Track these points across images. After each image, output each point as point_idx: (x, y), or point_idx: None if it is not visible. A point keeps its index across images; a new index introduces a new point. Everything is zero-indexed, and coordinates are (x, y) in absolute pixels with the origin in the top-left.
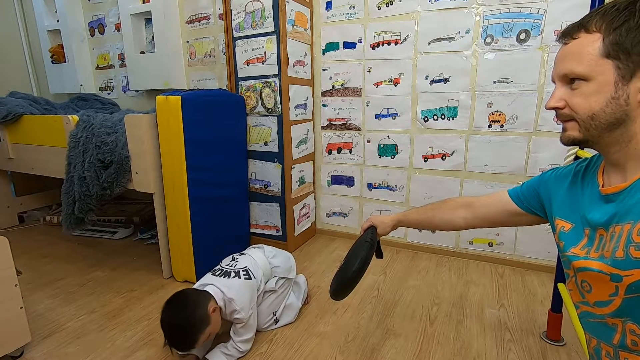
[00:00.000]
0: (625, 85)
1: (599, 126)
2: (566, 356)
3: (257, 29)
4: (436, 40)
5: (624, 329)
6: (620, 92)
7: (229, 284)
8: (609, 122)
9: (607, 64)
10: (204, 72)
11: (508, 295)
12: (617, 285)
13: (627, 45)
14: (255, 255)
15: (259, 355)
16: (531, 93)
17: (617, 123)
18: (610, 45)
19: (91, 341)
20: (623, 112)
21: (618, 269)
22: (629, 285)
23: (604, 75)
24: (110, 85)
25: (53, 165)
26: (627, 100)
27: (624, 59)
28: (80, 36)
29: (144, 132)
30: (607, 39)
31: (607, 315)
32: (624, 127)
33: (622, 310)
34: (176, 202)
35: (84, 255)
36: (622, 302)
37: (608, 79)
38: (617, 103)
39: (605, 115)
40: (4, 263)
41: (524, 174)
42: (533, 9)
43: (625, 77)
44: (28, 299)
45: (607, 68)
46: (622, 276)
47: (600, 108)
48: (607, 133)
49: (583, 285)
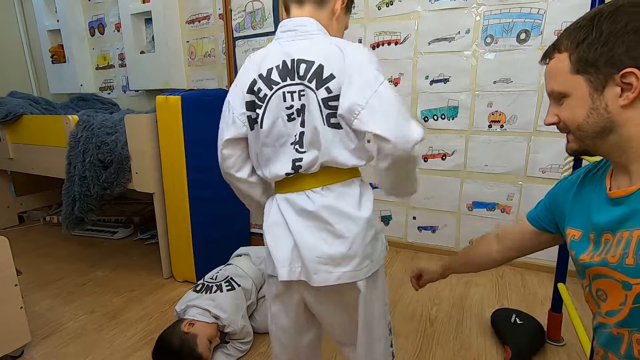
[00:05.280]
0: (601, 95)
1: (588, 136)
2: (566, 356)
3: (257, 29)
4: (436, 40)
5: (630, 339)
6: (597, 102)
7: (212, 299)
8: (595, 131)
9: (579, 79)
10: (204, 72)
11: (508, 295)
12: (627, 293)
13: (591, 60)
14: (242, 264)
15: (259, 355)
16: (531, 93)
17: (605, 130)
18: (576, 62)
19: (91, 341)
20: (607, 120)
21: (628, 277)
22: (638, 293)
23: (578, 90)
24: (110, 85)
25: (53, 165)
26: (606, 108)
27: (592, 72)
28: (80, 36)
29: (144, 132)
30: (573, 57)
31: (614, 325)
32: (616, 133)
33: (629, 320)
34: (176, 202)
35: (84, 255)
36: (630, 311)
37: (583, 93)
38: (598, 112)
39: (589, 125)
40: (4, 263)
41: (524, 174)
42: (533, 9)
43: (597, 88)
44: (28, 299)
45: (580, 83)
46: (631, 284)
47: (583, 119)
48: (600, 141)
49: (599, 294)
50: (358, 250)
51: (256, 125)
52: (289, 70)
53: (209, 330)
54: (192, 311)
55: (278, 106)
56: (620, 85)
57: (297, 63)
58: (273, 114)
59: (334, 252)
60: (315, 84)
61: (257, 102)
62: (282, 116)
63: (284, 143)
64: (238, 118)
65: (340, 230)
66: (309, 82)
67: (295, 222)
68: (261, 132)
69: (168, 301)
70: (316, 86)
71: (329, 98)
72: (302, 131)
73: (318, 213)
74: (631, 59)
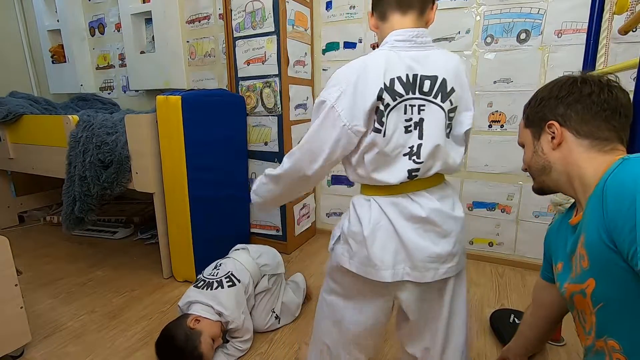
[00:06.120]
0: (538, 141)
1: (536, 173)
2: (566, 356)
3: (257, 29)
4: (436, 40)
5: (609, 350)
6: (537, 147)
7: (214, 296)
8: (538, 169)
9: (527, 131)
10: (204, 72)
11: (508, 295)
12: (587, 302)
13: (531, 117)
14: (241, 258)
15: (259, 355)
16: (531, 93)
17: (546, 169)
18: (525, 119)
19: (91, 341)
20: (544, 160)
21: (580, 284)
22: (590, 296)
23: (527, 139)
24: (111, 85)
25: (53, 165)
26: (542, 151)
27: (532, 126)
28: (80, 36)
29: (144, 132)
30: (524, 117)
31: (595, 340)
32: (555, 171)
33: (598, 328)
34: (176, 202)
35: (84, 255)
36: (595, 319)
37: (529, 141)
38: (537, 155)
39: (533, 164)
40: (4, 263)
41: (524, 174)
42: (533, 9)
43: (535, 136)
44: (28, 298)
45: (527, 134)
46: (584, 289)
47: (529, 161)
48: (545, 177)
49: (583, 317)
50: (460, 248)
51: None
52: (411, 84)
53: (214, 329)
54: (196, 307)
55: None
56: (549, 134)
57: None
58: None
59: (441, 251)
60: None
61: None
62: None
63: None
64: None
65: (445, 231)
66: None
67: (403, 226)
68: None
69: (168, 301)
70: (441, 99)
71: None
72: (420, 143)
73: (429, 217)
74: (553, 115)
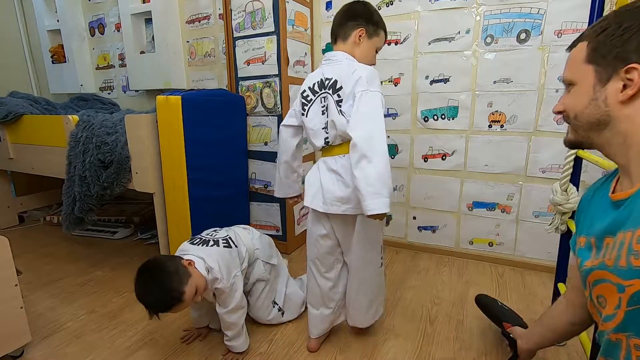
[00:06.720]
0: (603, 87)
1: (582, 126)
2: (566, 356)
3: (257, 29)
4: (436, 40)
5: (628, 345)
6: (598, 94)
7: (208, 252)
8: (590, 122)
9: (588, 68)
10: (204, 72)
11: (508, 295)
12: (620, 296)
13: (603, 51)
14: (240, 232)
15: (259, 355)
16: (531, 93)
17: (601, 123)
18: (591, 51)
19: (91, 341)
20: (604, 113)
21: (621, 279)
22: (631, 295)
23: (585, 79)
24: (111, 85)
25: (53, 165)
26: (605, 101)
27: (601, 63)
28: (80, 36)
29: (144, 132)
30: (590, 45)
31: (612, 331)
32: (612, 128)
33: (625, 324)
34: (176, 202)
35: (84, 255)
36: (625, 315)
37: (588, 83)
38: (596, 104)
39: (585, 115)
40: (4, 263)
41: (524, 174)
42: (533, 9)
43: (602, 80)
44: (28, 298)
45: (588, 72)
46: (624, 286)
47: (581, 109)
48: (594, 134)
49: (599, 301)
50: (355, 197)
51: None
52: (321, 84)
53: (201, 280)
54: (189, 257)
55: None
56: (623, 81)
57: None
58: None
59: (342, 195)
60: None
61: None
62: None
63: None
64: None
65: (348, 183)
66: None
67: (324, 175)
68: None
69: None
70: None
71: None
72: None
73: (338, 170)
74: (638, 56)
